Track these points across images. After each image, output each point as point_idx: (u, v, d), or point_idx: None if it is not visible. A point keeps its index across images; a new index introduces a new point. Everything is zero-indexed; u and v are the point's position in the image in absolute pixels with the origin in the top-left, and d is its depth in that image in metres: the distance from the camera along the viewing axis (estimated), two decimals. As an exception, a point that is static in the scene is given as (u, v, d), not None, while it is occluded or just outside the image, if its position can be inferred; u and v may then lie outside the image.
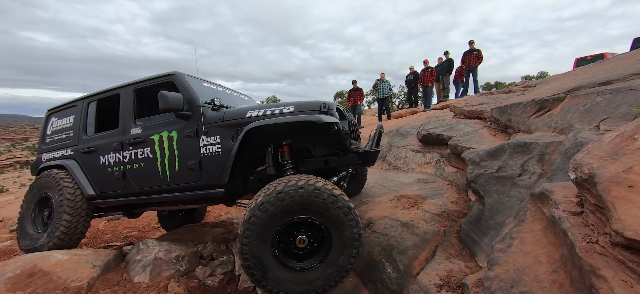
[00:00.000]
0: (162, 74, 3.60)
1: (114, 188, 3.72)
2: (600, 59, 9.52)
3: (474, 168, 3.26)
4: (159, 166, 3.38)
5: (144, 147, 3.47)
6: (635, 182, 1.43)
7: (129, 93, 3.74)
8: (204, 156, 3.17)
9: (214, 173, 3.14)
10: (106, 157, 3.72)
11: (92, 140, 3.93)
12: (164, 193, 3.44)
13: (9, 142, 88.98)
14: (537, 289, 1.70)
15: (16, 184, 31.78)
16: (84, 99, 4.14)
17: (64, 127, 4.22)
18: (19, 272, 3.15)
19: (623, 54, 5.33)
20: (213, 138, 3.14)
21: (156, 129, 3.44)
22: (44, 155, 4.29)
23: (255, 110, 3.12)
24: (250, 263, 2.49)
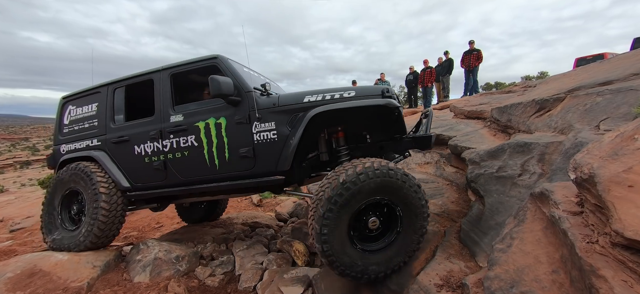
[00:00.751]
0: (203, 57, 3.42)
1: (153, 179, 3.51)
2: (600, 59, 9.52)
3: (474, 168, 3.26)
4: (205, 154, 3.23)
5: (187, 135, 3.29)
6: (635, 182, 1.43)
7: (164, 77, 3.52)
8: (257, 143, 3.08)
9: (269, 160, 3.05)
10: (142, 147, 3.49)
11: (123, 129, 3.67)
12: (211, 183, 3.27)
13: (9, 142, 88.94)
14: (537, 289, 1.70)
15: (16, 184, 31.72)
16: (108, 85, 3.83)
17: (86, 115, 3.90)
18: (19, 272, 3.15)
19: (623, 54, 5.33)
20: (267, 125, 3.06)
21: (201, 116, 3.27)
22: (62, 146, 3.98)
23: (312, 95, 3.07)
24: (328, 243, 2.48)
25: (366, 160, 2.62)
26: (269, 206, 7.63)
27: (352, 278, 2.61)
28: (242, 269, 3.77)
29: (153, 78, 3.59)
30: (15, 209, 11.00)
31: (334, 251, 2.51)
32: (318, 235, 2.50)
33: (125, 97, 3.80)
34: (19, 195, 16.25)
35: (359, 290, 2.95)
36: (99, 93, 3.87)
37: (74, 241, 3.63)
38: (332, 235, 2.49)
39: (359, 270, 2.58)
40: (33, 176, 44.67)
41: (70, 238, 3.67)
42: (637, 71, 3.35)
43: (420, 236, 2.70)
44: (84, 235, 3.59)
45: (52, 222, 3.85)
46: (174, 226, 6.20)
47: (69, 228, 3.80)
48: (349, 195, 2.45)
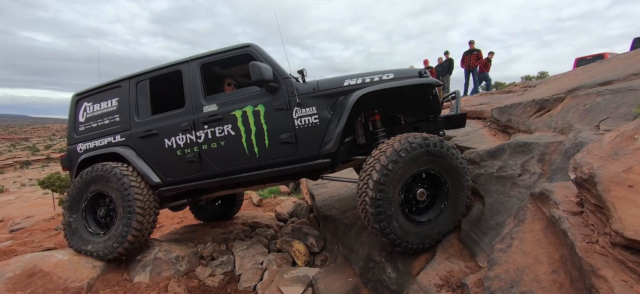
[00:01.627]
0: (235, 46, 3.41)
1: (187, 172, 3.42)
2: (600, 59, 9.52)
3: (474, 168, 3.26)
4: (244, 143, 3.20)
5: (223, 124, 3.25)
6: (635, 182, 1.44)
7: (193, 68, 3.47)
8: (299, 128, 3.11)
9: (312, 145, 3.09)
10: (173, 139, 3.40)
11: (149, 122, 3.54)
12: (251, 171, 3.24)
13: (8, 142, 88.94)
14: (537, 289, 1.71)
15: (16, 184, 31.78)
16: (129, 79, 3.70)
17: (106, 111, 3.72)
18: (19, 272, 3.15)
19: (623, 54, 5.33)
20: (308, 110, 3.11)
21: (237, 104, 3.25)
22: (79, 145, 3.76)
23: (353, 79, 3.16)
24: (382, 210, 2.59)
25: (407, 134, 2.76)
26: (269, 206, 7.64)
27: (410, 250, 2.74)
28: (242, 269, 3.77)
29: (181, 69, 3.51)
30: (15, 209, 11.03)
31: (393, 229, 2.63)
32: (374, 215, 2.61)
33: (150, 90, 3.68)
34: (19, 195, 16.29)
35: (359, 290, 2.95)
36: (119, 87, 3.72)
37: (106, 247, 3.43)
38: (388, 211, 2.61)
39: (417, 241, 2.72)
40: (33, 176, 44.67)
41: (101, 244, 3.47)
42: (637, 71, 3.35)
43: (462, 211, 2.84)
44: (118, 240, 3.38)
45: (77, 227, 3.60)
46: (174, 226, 6.21)
47: (97, 233, 3.59)
48: (397, 169, 2.59)
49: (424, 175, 2.76)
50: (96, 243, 3.50)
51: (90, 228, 3.62)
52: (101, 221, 3.66)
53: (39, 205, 16.71)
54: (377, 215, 2.60)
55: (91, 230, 3.60)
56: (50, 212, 10.78)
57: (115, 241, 3.39)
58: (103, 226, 3.66)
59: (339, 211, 4.08)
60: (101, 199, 3.65)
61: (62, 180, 13.61)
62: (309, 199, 5.98)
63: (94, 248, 3.47)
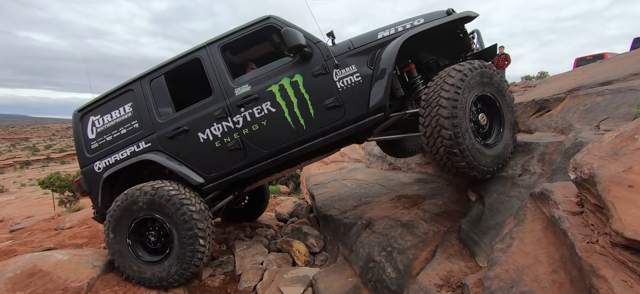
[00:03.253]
0: (254, 21, 3.25)
1: (231, 162, 3.20)
2: (600, 59, 9.52)
3: (474, 168, 3.26)
4: (287, 117, 3.06)
5: (260, 103, 3.07)
6: (635, 182, 1.44)
7: (213, 52, 3.27)
8: (342, 90, 3.02)
9: (359, 103, 3.00)
10: (208, 131, 3.17)
11: (176, 120, 3.28)
12: (301, 145, 3.09)
13: (9, 142, 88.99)
14: (537, 289, 1.71)
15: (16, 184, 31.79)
16: (140, 79, 3.42)
17: (120, 119, 3.40)
18: (19, 272, 3.15)
19: (623, 54, 5.33)
20: (348, 69, 3.02)
21: (271, 79, 3.10)
22: (96, 164, 3.40)
23: (385, 30, 3.16)
24: (464, 144, 2.63)
25: (456, 65, 2.84)
26: (269, 206, 7.63)
27: (488, 174, 2.83)
28: (242, 269, 3.77)
29: (199, 56, 3.29)
30: (15, 209, 11.04)
31: (470, 151, 2.66)
32: (453, 145, 2.62)
33: (167, 86, 3.43)
34: (19, 195, 16.29)
35: (359, 290, 2.95)
36: (130, 91, 3.44)
37: (171, 273, 3.08)
38: (465, 137, 2.64)
39: (493, 163, 2.82)
40: (33, 176, 44.67)
41: (164, 272, 3.10)
42: (637, 71, 3.35)
43: (514, 139, 3.01)
44: (186, 263, 3.05)
45: (132, 259, 3.21)
46: (174, 226, 6.19)
47: (152, 261, 3.20)
48: (463, 94, 2.67)
49: (478, 103, 2.92)
50: (154, 271, 3.14)
51: (142, 257, 3.23)
52: (153, 246, 3.27)
53: (39, 205, 16.72)
54: (456, 143, 2.61)
55: (143, 259, 3.22)
56: (50, 212, 10.79)
57: (180, 267, 3.05)
58: (156, 252, 3.27)
59: (339, 211, 4.08)
60: (150, 223, 3.26)
61: (62, 180, 13.60)
62: (309, 199, 5.99)
63: (152, 277, 3.13)
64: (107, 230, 3.18)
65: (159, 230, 3.23)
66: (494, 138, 2.93)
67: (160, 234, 3.23)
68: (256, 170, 3.21)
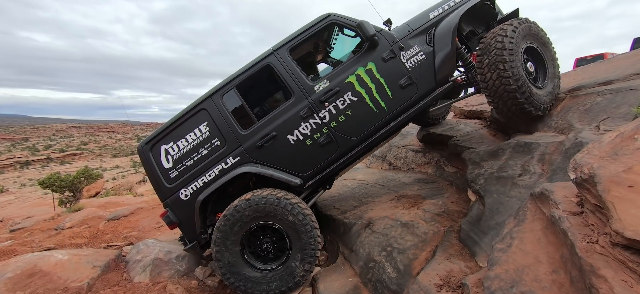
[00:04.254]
0: (316, 20, 3.41)
1: (324, 156, 3.31)
2: (600, 59, 9.51)
3: (474, 168, 3.26)
4: (369, 103, 3.28)
5: (342, 95, 3.26)
6: (635, 182, 1.44)
7: (284, 56, 3.36)
8: (411, 68, 3.31)
9: (428, 78, 3.31)
10: (297, 132, 3.26)
11: (260, 129, 3.31)
12: (386, 125, 3.34)
13: (9, 142, 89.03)
14: (537, 289, 1.71)
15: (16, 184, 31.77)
16: (211, 96, 3.38)
17: (198, 141, 3.34)
18: (20, 272, 3.15)
19: (623, 54, 5.33)
20: (412, 49, 3.34)
21: (347, 71, 3.30)
22: (181, 192, 3.30)
23: (434, 10, 3.55)
24: (521, 82, 3.00)
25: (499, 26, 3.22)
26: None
27: (546, 111, 3.23)
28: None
29: (270, 62, 3.36)
30: (15, 209, 11.04)
31: (534, 96, 3.10)
32: (516, 88, 3.00)
33: (242, 96, 3.46)
34: (19, 195, 16.29)
35: (359, 290, 2.95)
36: (202, 111, 3.38)
37: (295, 274, 3.05)
38: (525, 81, 3.03)
39: (548, 101, 3.26)
40: (33, 176, 44.65)
41: (287, 274, 3.06)
42: (637, 71, 3.35)
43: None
44: (309, 259, 3.05)
45: (245, 269, 3.12)
46: (174, 226, 6.20)
47: (271, 268, 3.13)
48: (515, 45, 3.05)
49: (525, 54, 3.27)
50: (272, 278, 3.08)
51: (256, 266, 3.15)
52: (265, 254, 3.22)
53: (39, 205, 16.72)
54: (515, 81, 3.00)
55: (257, 268, 3.15)
56: (50, 212, 10.79)
57: (303, 268, 3.06)
58: (268, 259, 3.21)
59: (339, 211, 4.08)
60: (263, 232, 3.22)
61: (62, 180, 13.60)
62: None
63: (269, 286, 3.07)
64: (219, 249, 3.05)
65: (270, 237, 3.20)
66: (541, 82, 3.38)
67: (273, 240, 3.20)
68: (349, 158, 3.37)
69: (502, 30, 3.12)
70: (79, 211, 8.21)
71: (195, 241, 3.36)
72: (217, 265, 3.08)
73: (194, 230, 3.30)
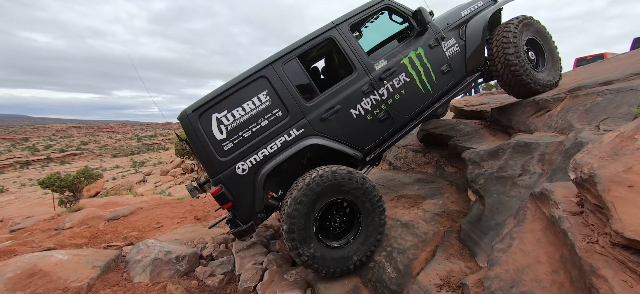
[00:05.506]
0: (373, 2, 3.58)
1: (382, 132, 3.42)
2: (600, 59, 9.51)
3: (474, 168, 3.25)
4: (418, 84, 3.54)
5: (397, 74, 3.44)
6: (635, 182, 1.43)
7: (345, 31, 3.40)
8: (450, 57, 3.69)
9: (460, 67, 3.74)
10: (359, 106, 3.30)
11: (324, 101, 3.24)
12: (431, 106, 3.63)
13: (9, 142, 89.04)
14: (537, 289, 1.71)
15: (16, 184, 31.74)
16: (272, 64, 3.19)
17: (257, 110, 3.11)
18: (20, 272, 3.15)
19: (623, 54, 5.33)
20: (451, 41, 3.73)
21: (401, 54, 3.52)
22: (238, 166, 3.02)
23: (464, 9, 3.96)
24: (523, 63, 3.60)
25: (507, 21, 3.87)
26: (269, 206, 7.63)
27: (544, 88, 3.84)
28: (242, 269, 3.77)
29: (332, 35, 3.35)
30: (15, 209, 11.03)
31: (529, 72, 3.70)
32: (517, 66, 3.62)
33: (305, 67, 3.45)
34: (19, 195, 16.28)
35: (359, 290, 2.95)
36: (262, 78, 3.16)
37: (363, 249, 2.99)
38: (523, 61, 3.68)
39: (544, 81, 3.87)
40: (33, 176, 44.66)
41: (361, 250, 2.99)
42: (637, 71, 3.35)
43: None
44: (378, 234, 3.03)
45: (318, 251, 2.93)
46: (174, 226, 6.20)
47: (342, 245, 3.02)
48: (519, 38, 3.72)
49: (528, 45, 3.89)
50: (335, 255, 2.97)
51: (324, 241, 3.00)
52: (331, 228, 3.11)
53: (39, 205, 16.73)
54: (521, 67, 3.61)
55: (325, 243, 2.99)
56: (50, 212, 10.79)
57: (374, 238, 3.01)
58: (337, 236, 3.11)
59: (339, 211, 4.08)
60: (334, 207, 3.09)
61: (62, 180, 13.59)
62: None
63: (357, 256, 2.98)
64: (290, 227, 2.84)
65: (340, 212, 3.10)
66: (541, 67, 3.95)
67: (341, 215, 3.11)
68: (400, 135, 3.55)
69: (506, 28, 3.67)
70: (79, 211, 8.21)
71: (252, 221, 3.10)
72: (291, 245, 2.85)
73: (251, 208, 3.06)
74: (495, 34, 3.77)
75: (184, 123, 3.03)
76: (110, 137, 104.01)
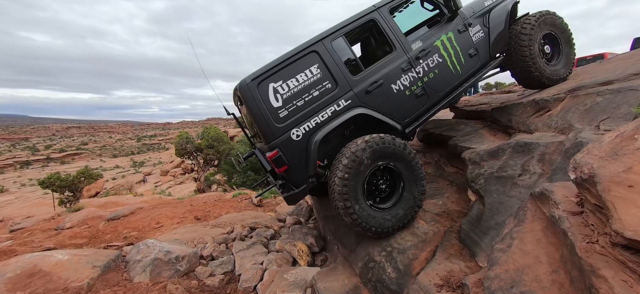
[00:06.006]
0: None
1: (417, 107, 3.68)
2: (600, 59, 9.51)
3: (474, 168, 3.25)
4: (449, 65, 3.80)
5: (432, 55, 3.73)
6: (635, 182, 1.43)
7: (385, 14, 3.72)
8: (476, 42, 3.98)
9: (485, 52, 4.02)
10: (399, 82, 3.57)
11: (368, 75, 3.49)
12: (459, 86, 3.89)
13: (9, 142, 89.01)
14: (537, 289, 1.71)
15: (16, 184, 31.71)
16: (322, 40, 3.44)
17: (309, 82, 3.33)
18: (20, 272, 3.15)
19: (623, 54, 5.33)
20: (476, 28, 4.02)
21: (435, 36, 3.80)
22: (293, 131, 3.22)
23: (487, 0, 4.21)
24: (532, 47, 3.88)
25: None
26: (269, 207, 7.64)
27: (551, 81, 4.11)
28: (242, 269, 3.77)
29: (374, 17, 3.66)
30: (16, 209, 11.02)
31: (539, 66, 3.98)
32: (527, 57, 3.93)
33: (350, 43, 3.74)
34: (19, 195, 16.26)
35: (359, 290, 2.95)
36: (313, 53, 3.40)
37: (406, 213, 3.16)
38: (534, 56, 3.97)
39: (553, 75, 4.13)
40: (33, 176, 44.65)
41: (400, 214, 3.16)
42: (637, 71, 3.35)
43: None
44: (418, 200, 3.21)
45: (365, 212, 3.09)
46: (174, 226, 6.21)
47: (381, 208, 3.18)
48: (535, 31, 3.97)
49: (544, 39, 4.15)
50: (396, 214, 3.16)
51: (369, 201, 3.17)
52: (377, 192, 3.28)
53: (39, 205, 16.73)
54: (534, 63, 3.92)
55: (370, 203, 3.17)
56: (50, 212, 10.79)
57: (415, 203, 3.19)
58: (382, 200, 3.29)
59: (339, 211, 4.08)
60: (381, 173, 3.27)
61: (62, 180, 13.58)
62: (309, 199, 5.98)
63: (400, 219, 3.16)
64: (342, 188, 3.01)
65: (384, 177, 3.28)
66: (554, 61, 4.20)
67: (386, 180, 3.29)
68: (433, 111, 3.79)
69: (526, 21, 3.95)
70: (79, 211, 8.21)
71: (304, 185, 3.28)
72: (342, 203, 3.02)
73: (304, 172, 3.26)
74: (515, 24, 4.05)
75: (243, 91, 3.24)
76: (110, 137, 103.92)
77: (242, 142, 17.59)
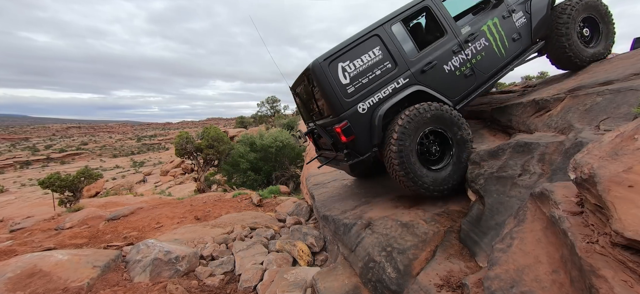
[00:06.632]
0: None
1: (466, 87, 3.95)
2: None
3: (474, 168, 3.26)
4: (495, 48, 4.08)
5: (479, 39, 4.01)
6: (635, 182, 1.43)
7: (437, 1, 4.05)
8: (519, 27, 4.24)
9: (527, 36, 4.25)
10: (450, 63, 3.88)
11: (423, 57, 3.84)
12: (503, 69, 4.15)
13: (8, 142, 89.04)
14: (537, 289, 1.71)
15: (16, 184, 31.70)
16: (383, 25, 3.80)
17: (372, 62, 3.71)
18: (20, 272, 3.15)
19: (623, 54, 5.32)
20: (519, 14, 4.26)
21: (482, 21, 4.07)
22: (359, 105, 3.60)
23: None
24: (570, 29, 4.18)
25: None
26: (269, 207, 7.64)
27: (583, 62, 4.36)
28: (242, 269, 3.77)
29: (428, 4, 4.01)
30: (16, 209, 11.02)
31: (576, 47, 4.25)
32: (564, 37, 4.23)
33: (406, 28, 4.01)
34: (19, 195, 16.26)
35: (359, 290, 2.95)
36: (375, 36, 3.77)
37: (454, 176, 3.45)
38: (573, 37, 4.27)
39: (590, 57, 4.41)
40: (33, 176, 44.66)
41: (450, 176, 3.46)
42: (637, 71, 3.35)
43: None
44: (463, 165, 3.46)
45: (418, 171, 3.38)
46: (174, 226, 6.20)
47: (434, 169, 3.48)
48: (574, 12, 4.25)
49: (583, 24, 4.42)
50: (447, 176, 3.46)
51: (419, 163, 3.46)
52: (431, 157, 3.58)
53: (39, 205, 16.74)
54: (570, 45, 4.21)
55: (421, 165, 3.46)
56: (50, 212, 10.79)
57: (459, 169, 3.47)
58: (433, 162, 3.58)
59: (339, 211, 4.08)
60: (432, 137, 3.59)
61: (62, 180, 13.58)
62: (309, 199, 5.99)
63: (452, 180, 3.46)
64: (399, 148, 3.34)
65: (436, 142, 3.60)
66: (594, 42, 4.45)
67: (436, 144, 3.60)
68: (479, 92, 4.02)
69: (565, 5, 4.25)
70: (79, 211, 8.22)
71: (368, 152, 3.62)
72: (398, 162, 3.34)
73: (368, 142, 3.61)
74: (555, 9, 4.32)
75: (315, 69, 3.62)
76: (110, 137, 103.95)
77: (242, 142, 17.58)
